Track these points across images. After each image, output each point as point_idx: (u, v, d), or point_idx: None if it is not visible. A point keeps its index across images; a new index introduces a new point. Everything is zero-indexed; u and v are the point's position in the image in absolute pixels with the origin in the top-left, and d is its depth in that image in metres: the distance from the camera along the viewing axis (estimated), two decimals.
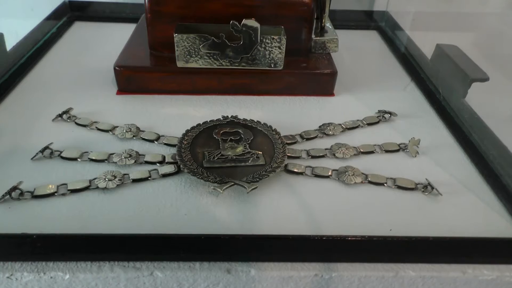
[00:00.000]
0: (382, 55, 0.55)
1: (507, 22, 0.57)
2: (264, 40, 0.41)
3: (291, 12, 0.43)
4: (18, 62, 0.45)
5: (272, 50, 0.41)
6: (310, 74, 0.44)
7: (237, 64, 0.42)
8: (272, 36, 0.41)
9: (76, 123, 0.38)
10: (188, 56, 0.41)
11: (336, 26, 0.53)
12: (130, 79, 0.43)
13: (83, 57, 0.50)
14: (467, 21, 0.61)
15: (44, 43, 0.51)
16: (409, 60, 0.52)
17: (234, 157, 0.34)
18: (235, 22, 0.40)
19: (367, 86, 0.47)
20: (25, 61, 0.46)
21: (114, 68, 0.42)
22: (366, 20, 0.62)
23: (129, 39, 0.48)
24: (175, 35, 0.40)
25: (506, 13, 0.58)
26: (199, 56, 0.41)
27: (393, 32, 0.59)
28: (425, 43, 0.56)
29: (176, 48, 0.41)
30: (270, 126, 0.38)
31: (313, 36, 0.47)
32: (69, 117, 0.38)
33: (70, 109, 0.39)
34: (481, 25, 0.60)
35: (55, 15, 0.55)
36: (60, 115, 0.38)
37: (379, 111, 0.42)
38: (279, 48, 0.41)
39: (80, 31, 0.56)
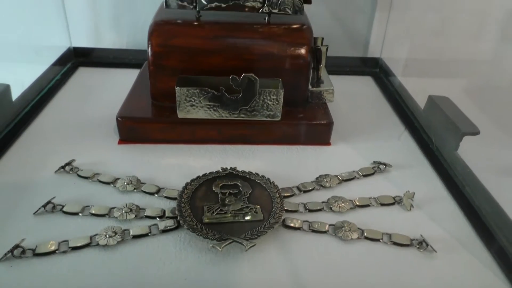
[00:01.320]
0: (377, 102, 0.57)
1: (497, 69, 0.59)
2: (263, 92, 0.42)
3: (289, 65, 0.45)
4: (22, 111, 0.47)
5: (270, 102, 0.43)
6: (307, 124, 0.45)
7: (236, 115, 0.43)
8: (270, 89, 0.42)
9: (78, 175, 0.39)
10: (188, 108, 0.43)
11: (332, 72, 0.55)
12: (132, 129, 0.44)
13: (86, 104, 0.51)
14: (459, 68, 0.63)
15: (49, 90, 0.52)
16: (403, 108, 0.54)
17: (233, 212, 0.35)
18: (235, 77, 0.41)
19: (362, 135, 0.48)
20: (29, 109, 0.48)
21: (117, 119, 0.44)
22: (361, 66, 0.65)
23: (131, 88, 0.49)
24: (176, 88, 0.41)
25: (496, 61, 0.60)
26: (199, 108, 0.43)
27: (387, 79, 0.61)
28: (418, 91, 0.58)
29: (177, 100, 0.42)
30: (268, 179, 0.39)
31: (310, 86, 0.48)
32: (72, 168, 0.39)
33: (73, 160, 0.40)
34: (473, 72, 0.62)
35: (60, 61, 0.57)
36: (63, 167, 0.39)
37: (375, 162, 0.43)
38: (277, 100, 0.43)
39: (84, 77, 0.58)
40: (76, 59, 0.60)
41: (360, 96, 0.58)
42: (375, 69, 0.64)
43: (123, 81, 0.53)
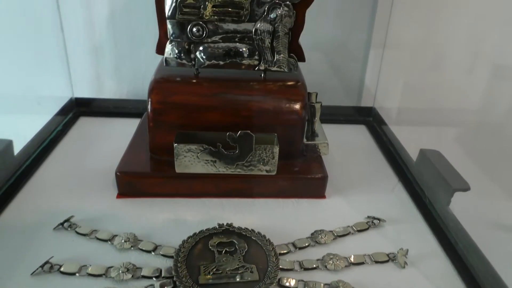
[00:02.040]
0: (371, 153, 0.58)
1: (487, 119, 0.61)
2: (259, 148, 0.44)
3: (284, 121, 0.47)
4: (23, 165, 0.48)
5: (266, 158, 0.44)
6: (302, 178, 0.46)
7: (232, 170, 0.44)
8: (266, 145, 0.44)
9: (77, 232, 0.39)
10: (186, 163, 0.44)
11: (326, 121, 0.57)
12: (131, 184, 0.45)
13: (86, 156, 0.52)
14: (450, 116, 0.65)
15: (50, 142, 0.53)
16: (396, 159, 0.55)
17: (229, 272, 0.35)
18: (232, 134, 0.43)
19: (356, 187, 0.49)
20: (30, 163, 0.49)
21: (116, 174, 0.45)
22: (355, 115, 0.66)
23: (131, 141, 0.50)
24: (175, 145, 0.43)
25: (486, 110, 0.62)
26: (197, 163, 0.44)
27: (380, 128, 0.63)
28: (411, 140, 0.59)
29: (175, 156, 0.43)
30: (264, 236, 0.39)
31: (304, 140, 0.50)
32: (70, 225, 0.40)
33: (71, 217, 0.41)
34: (463, 121, 0.64)
35: (61, 111, 0.59)
36: (62, 224, 0.40)
37: (369, 217, 0.44)
38: (272, 155, 0.44)
39: (85, 127, 0.59)
40: (78, 109, 0.62)
41: (354, 146, 0.59)
42: (368, 118, 0.66)
43: (123, 131, 0.54)
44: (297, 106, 0.47)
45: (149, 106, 0.45)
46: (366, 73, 0.70)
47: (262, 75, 0.48)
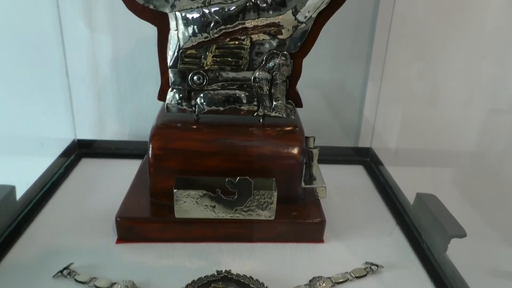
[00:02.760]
0: (368, 194, 0.59)
1: (484, 161, 0.62)
2: (257, 193, 0.44)
3: (282, 166, 0.48)
4: (25, 209, 0.48)
5: (264, 203, 0.45)
6: (300, 223, 0.47)
7: (231, 215, 0.45)
8: (264, 191, 0.44)
9: (76, 280, 0.39)
10: (186, 208, 0.44)
11: (324, 161, 0.58)
12: (130, 229, 0.45)
13: (87, 198, 0.53)
14: (446, 158, 0.66)
15: (52, 185, 0.54)
16: (393, 201, 0.56)
17: None
18: (231, 180, 0.43)
19: (354, 231, 0.50)
20: (32, 207, 0.49)
21: (116, 219, 0.45)
22: (353, 155, 0.68)
23: (131, 184, 0.51)
24: (174, 190, 0.43)
25: (483, 152, 0.63)
26: (196, 208, 0.44)
27: (378, 168, 0.64)
28: (408, 182, 0.60)
29: (175, 201, 0.44)
30: (262, 283, 0.39)
31: (302, 184, 0.50)
32: (69, 272, 0.40)
33: (71, 264, 0.41)
34: (461, 163, 0.65)
35: (64, 153, 0.60)
36: (61, 271, 0.40)
37: (367, 263, 0.44)
38: (271, 200, 0.45)
39: (87, 169, 0.60)
40: (80, 150, 0.63)
41: (352, 188, 0.60)
42: (366, 158, 0.67)
43: (124, 172, 0.55)
44: (295, 151, 0.48)
45: (150, 152, 0.47)
46: (364, 112, 0.72)
47: (261, 120, 0.50)
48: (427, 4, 0.61)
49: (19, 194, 0.49)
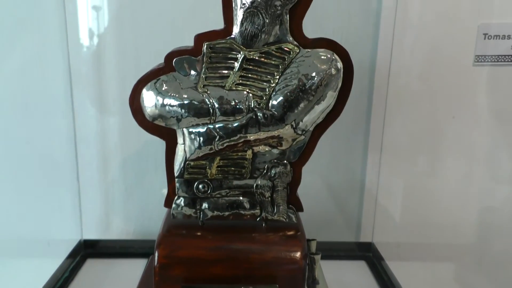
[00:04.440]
0: None
1: (484, 256, 0.62)
2: None
3: (285, 271, 0.48)
4: None
5: None
6: None
7: None
8: None
9: None
10: None
11: (326, 257, 0.58)
12: None
13: None
14: (447, 252, 0.66)
15: None
16: None
17: None
18: None
19: None
20: None
21: None
22: (354, 250, 0.68)
23: None
24: None
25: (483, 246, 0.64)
26: None
27: (380, 264, 0.64)
28: (410, 278, 0.60)
29: None
30: None
31: (305, 287, 0.51)
32: None
33: None
34: (460, 258, 0.65)
35: (70, 255, 0.61)
36: None
37: None
38: None
39: (91, 271, 0.61)
40: (85, 250, 0.64)
41: (355, 286, 0.60)
42: (368, 253, 0.67)
43: (129, 274, 0.56)
44: (297, 257, 0.49)
45: (155, 260, 0.48)
46: (363, 206, 0.73)
47: (264, 225, 0.51)
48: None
49: None
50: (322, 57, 0.45)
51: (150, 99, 0.46)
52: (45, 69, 0.64)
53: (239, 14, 0.44)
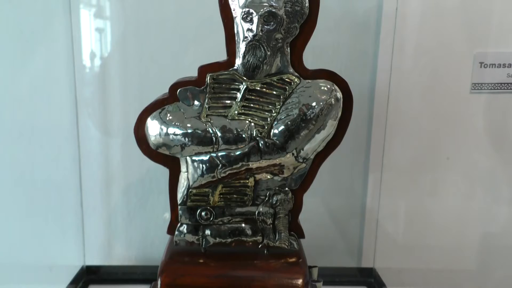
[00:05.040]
0: None
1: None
2: None
3: None
4: None
5: None
6: None
7: None
8: None
9: None
10: None
11: (328, 283, 0.58)
12: None
13: None
14: (449, 278, 0.66)
15: None
16: None
17: None
18: None
19: None
20: None
21: None
22: (356, 275, 0.68)
23: None
24: None
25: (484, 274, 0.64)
26: None
27: None
28: None
29: None
30: None
31: None
32: None
33: None
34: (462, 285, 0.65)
35: (72, 281, 0.61)
36: None
37: None
38: None
39: None
40: (88, 277, 0.64)
41: None
42: (370, 279, 0.67)
43: None
44: (299, 283, 0.49)
45: (158, 287, 0.48)
46: (365, 230, 0.73)
47: (266, 251, 0.52)
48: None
49: None
50: (322, 87, 0.47)
51: (154, 128, 0.47)
52: (50, 94, 0.65)
53: (241, 47, 0.46)
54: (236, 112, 0.47)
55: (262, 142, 0.47)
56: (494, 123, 0.60)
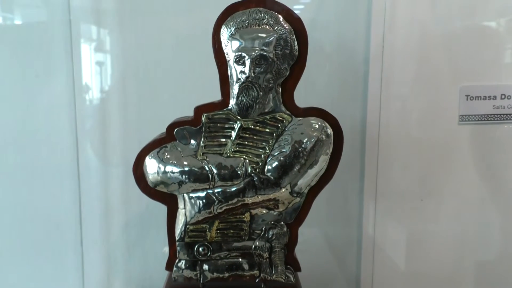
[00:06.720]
0: None
1: None
2: None
3: None
4: None
5: None
6: None
7: None
8: None
9: None
10: None
11: None
12: None
13: None
14: None
15: None
16: None
17: None
18: None
19: None
20: None
21: None
22: None
23: None
24: None
25: None
26: None
27: None
28: None
29: None
30: None
31: None
32: None
33: None
34: None
35: None
36: None
37: None
38: None
39: None
40: None
41: None
42: None
43: None
44: None
45: None
46: (362, 259, 0.74)
47: (263, 285, 0.52)
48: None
49: None
50: (313, 124, 0.49)
51: (152, 167, 0.49)
52: (52, 130, 0.67)
53: (235, 88, 0.48)
54: (231, 150, 0.49)
55: (256, 178, 0.48)
56: (482, 154, 0.62)
